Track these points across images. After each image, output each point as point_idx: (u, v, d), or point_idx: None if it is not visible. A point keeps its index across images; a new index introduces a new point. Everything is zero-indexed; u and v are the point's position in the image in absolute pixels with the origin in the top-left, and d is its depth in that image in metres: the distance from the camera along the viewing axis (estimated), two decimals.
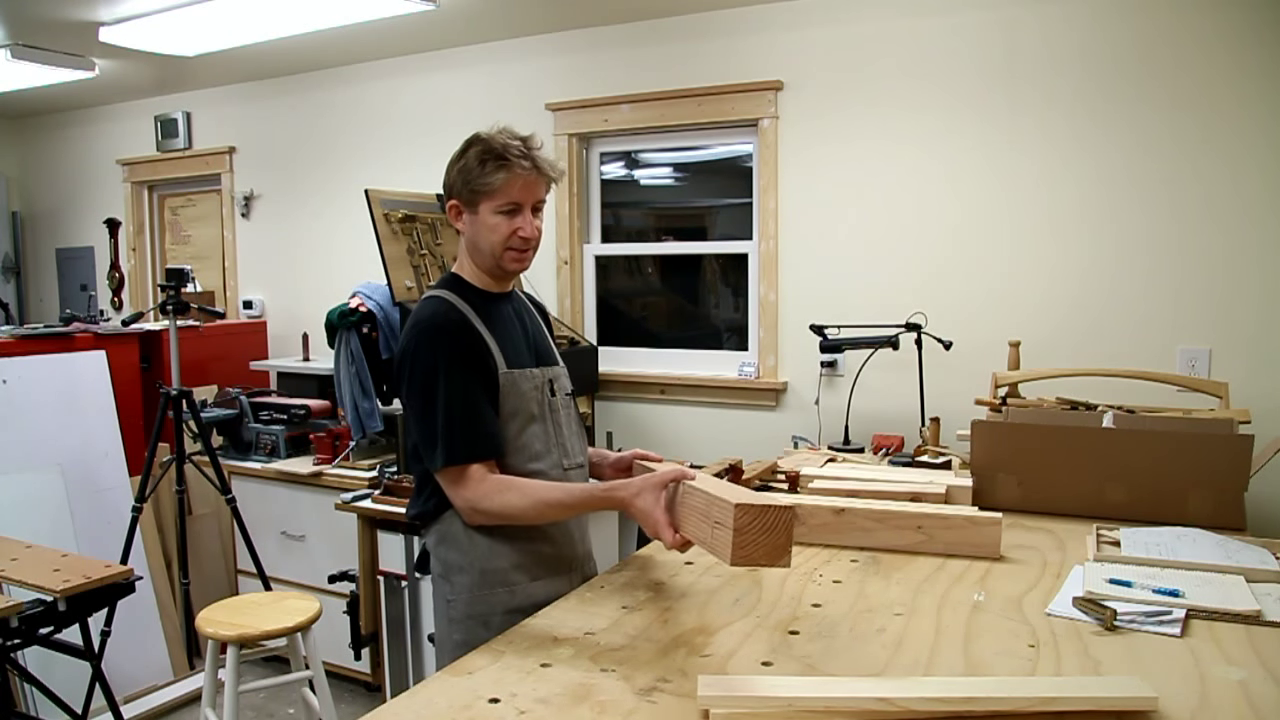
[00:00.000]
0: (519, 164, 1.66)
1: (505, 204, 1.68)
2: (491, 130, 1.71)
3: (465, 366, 1.66)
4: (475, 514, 1.66)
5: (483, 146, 1.68)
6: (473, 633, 1.67)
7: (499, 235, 1.70)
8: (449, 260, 3.29)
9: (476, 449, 1.64)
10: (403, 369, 1.70)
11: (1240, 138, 2.77)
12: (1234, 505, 2.09)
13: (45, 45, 4.02)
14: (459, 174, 1.70)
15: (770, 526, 1.33)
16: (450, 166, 1.73)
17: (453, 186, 1.72)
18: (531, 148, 1.69)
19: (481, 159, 1.66)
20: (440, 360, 1.65)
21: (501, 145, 1.66)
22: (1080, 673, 1.33)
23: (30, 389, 3.46)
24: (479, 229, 1.71)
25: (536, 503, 1.63)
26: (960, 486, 2.19)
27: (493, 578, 1.70)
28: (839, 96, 3.34)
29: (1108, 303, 2.97)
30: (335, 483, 3.47)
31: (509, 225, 1.69)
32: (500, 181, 1.66)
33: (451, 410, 1.63)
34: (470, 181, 1.68)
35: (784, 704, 1.18)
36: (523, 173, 1.67)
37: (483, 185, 1.67)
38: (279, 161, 4.78)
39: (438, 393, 1.64)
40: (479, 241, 1.72)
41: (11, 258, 5.85)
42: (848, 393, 3.23)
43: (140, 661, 3.48)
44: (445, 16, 3.64)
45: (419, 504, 1.78)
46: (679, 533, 1.50)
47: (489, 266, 1.75)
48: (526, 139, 1.70)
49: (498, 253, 1.72)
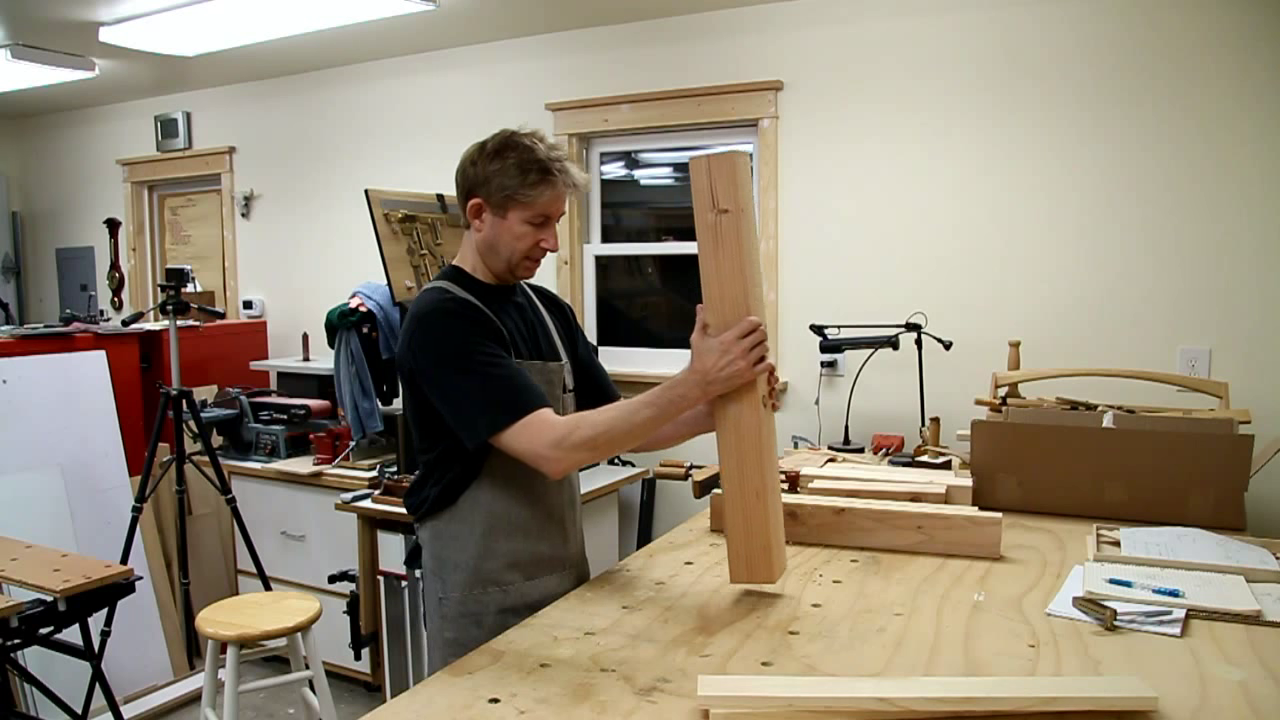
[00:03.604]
0: (561, 179, 1.64)
1: (537, 216, 1.66)
2: (527, 133, 1.66)
3: (483, 335, 1.62)
4: (566, 454, 1.53)
5: (525, 155, 1.63)
6: (465, 631, 1.67)
7: (523, 245, 1.68)
8: (449, 260, 3.28)
9: (536, 396, 1.57)
10: (420, 356, 1.61)
11: (1240, 137, 2.77)
12: (1234, 505, 2.09)
13: (45, 45, 4.02)
14: (495, 176, 1.64)
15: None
16: (478, 161, 1.66)
17: (480, 185, 1.66)
18: (566, 160, 1.66)
19: (523, 168, 1.62)
20: (463, 334, 1.60)
21: (546, 157, 1.63)
22: (1080, 673, 1.33)
23: (30, 389, 3.46)
24: (502, 234, 1.67)
25: (623, 416, 1.53)
26: (960, 486, 2.18)
27: (487, 576, 1.70)
28: (839, 96, 3.34)
29: (1108, 303, 2.97)
30: (335, 483, 3.47)
31: (535, 236, 1.67)
32: (541, 196, 1.63)
33: (494, 371, 1.57)
34: (507, 187, 1.63)
35: (784, 704, 1.18)
36: (564, 188, 1.65)
37: (523, 196, 1.63)
38: (279, 161, 4.78)
39: (466, 361, 1.57)
40: (498, 245, 1.69)
41: (11, 258, 5.85)
42: (848, 393, 3.23)
43: (140, 661, 3.48)
44: (445, 16, 3.64)
45: (420, 494, 1.74)
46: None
47: (500, 269, 1.73)
48: (561, 149, 1.67)
49: (515, 260, 1.70)
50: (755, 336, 1.50)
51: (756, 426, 1.56)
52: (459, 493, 1.69)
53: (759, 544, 1.60)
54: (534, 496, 1.73)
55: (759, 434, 1.57)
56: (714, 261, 1.54)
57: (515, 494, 1.71)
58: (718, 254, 1.53)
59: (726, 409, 1.57)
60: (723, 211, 1.52)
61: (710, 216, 1.53)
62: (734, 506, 1.60)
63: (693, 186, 1.54)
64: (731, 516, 1.61)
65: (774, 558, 1.61)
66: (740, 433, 1.57)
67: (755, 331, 1.50)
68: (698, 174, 1.54)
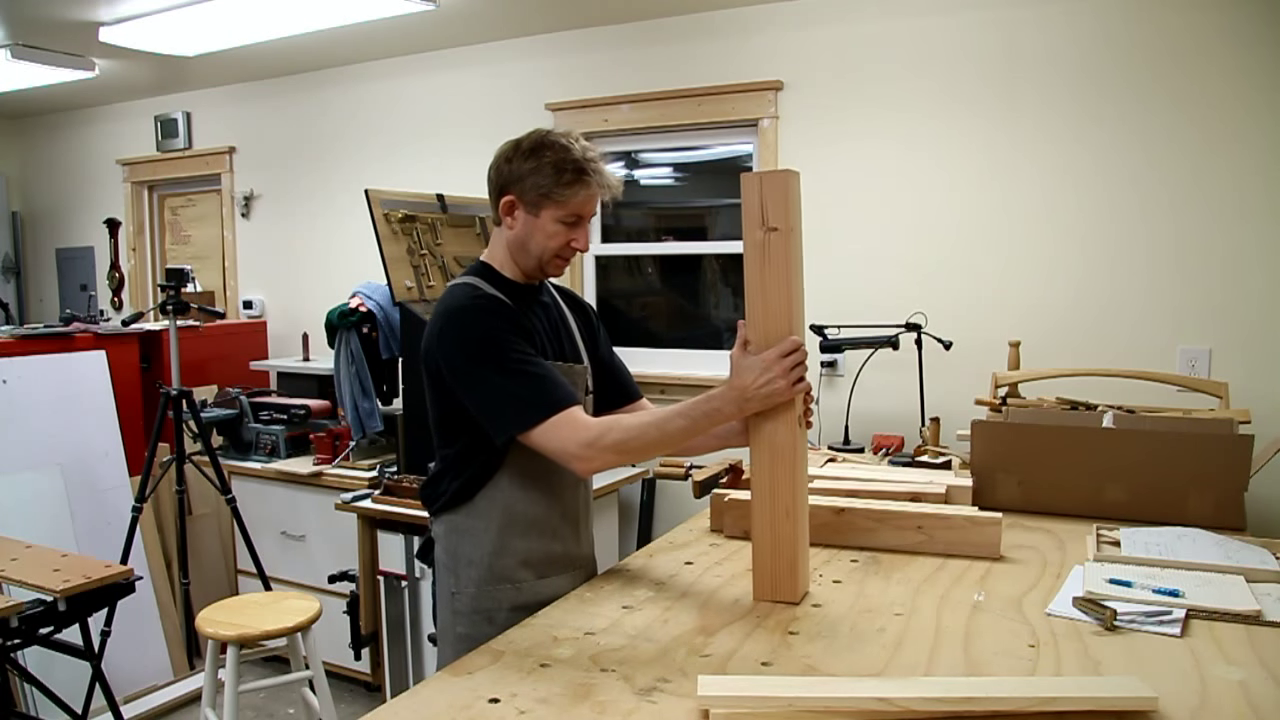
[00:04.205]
0: (597, 180, 1.65)
1: (570, 215, 1.66)
2: (563, 132, 1.67)
3: (514, 332, 1.62)
4: (598, 454, 1.53)
5: (561, 155, 1.63)
6: (477, 627, 1.67)
7: (555, 243, 1.68)
8: (449, 260, 3.29)
9: (560, 397, 1.56)
10: (451, 352, 1.61)
11: (1240, 137, 2.77)
12: (1234, 505, 2.09)
13: (45, 45, 4.02)
14: (530, 175, 1.64)
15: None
16: (514, 159, 1.66)
17: (515, 183, 1.66)
18: (601, 161, 1.67)
19: (559, 167, 1.63)
20: (494, 329, 1.60)
21: (582, 158, 1.63)
22: (1080, 673, 1.33)
23: (30, 389, 3.46)
24: (534, 232, 1.68)
25: (656, 424, 1.54)
26: (960, 486, 2.18)
27: (500, 573, 1.70)
28: (839, 96, 3.34)
29: (1108, 302, 2.97)
30: (335, 483, 3.47)
31: (566, 235, 1.68)
32: (575, 195, 1.64)
33: (527, 368, 1.57)
34: (542, 186, 1.63)
35: (784, 704, 1.18)
36: (598, 189, 1.66)
37: (558, 195, 1.63)
38: (279, 161, 4.78)
39: (496, 357, 1.57)
40: (529, 243, 1.69)
41: (11, 258, 5.85)
42: (848, 393, 3.23)
43: (140, 661, 3.48)
44: (445, 16, 3.64)
45: (437, 488, 1.74)
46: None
47: (530, 267, 1.73)
48: (595, 150, 1.68)
49: (546, 258, 1.70)
50: (796, 356, 1.51)
51: (791, 444, 1.57)
52: (477, 489, 1.69)
53: (785, 562, 1.60)
54: (551, 496, 1.74)
55: (793, 452, 1.57)
56: (760, 278, 1.54)
57: (533, 493, 1.71)
58: (764, 271, 1.53)
59: (762, 425, 1.58)
60: (772, 229, 1.52)
61: (759, 234, 1.53)
62: (762, 523, 1.60)
63: (743, 202, 1.54)
64: (759, 533, 1.61)
65: (799, 576, 1.62)
66: (774, 450, 1.57)
67: (796, 351, 1.51)
68: (749, 190, 1.53)
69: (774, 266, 1.53)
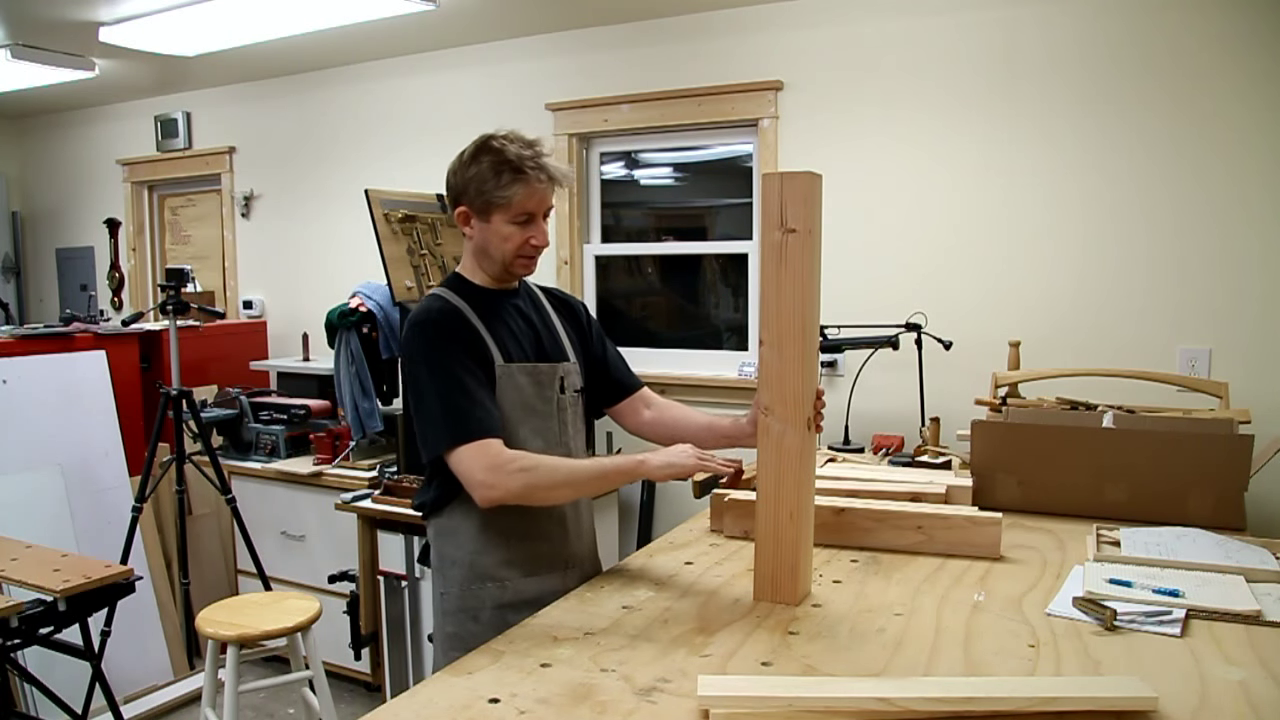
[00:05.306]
0: (535, 176, 1.66)
1: (519, 215, 1.68)
2: (501, 135, 1.69)
3: (460, 353, 1.66)
4: (491, 491, 1.58)
5: (496, 157, 1.66)
6: (463, 625, 1.70)
7: (512, 244, 1.70)
8: (449, 260, 3.29)
9: (481, 426, 1.60)
10: (402, 366, 1.72)
11: (1240, 137, 2.77)
12: (1234, 505, 2.09)
13: (45, 45, 4.01)
14: (472, 182, 1.68)
15: None
16: (459, 170, 1.71)
17: (463, 193, 1.71)
18: (543, 156, 1.68)
19: (496, 170, 1.65)
20: (432, 349, 1.65)
21: (516, 156, 1.65)
22: (1080, 673, 1.33)
23: (30, 389, 3.46)
24: (490, 237, 1.71)
25: (557, 477, 1.62)
26: (960, 486, 2.18)
27: (483, 572, 1.72)
28: (839, 96, 3.34)
29: (1108, 302, 2.97)
30: (335, 483, 3.48)
31: (522, 235, 1.70)
32: (516, 194, 1.66)
33: (451, 392, 1.62)
34: (485, 192, 1.67)
35: (784, 704, 1.18)
36: (539, 185, 1.67)
37: (498, 198, 1.66)
38: (279, 161, 4.77)
39: (434, 378, 1.63)
40: (489, 249, 1.72)
41: (11, 258, 5.85)
42: (848, 393, 3.23)
43: (140, 661, 3.48)
44: (445, 16, 3.64)
45: (423, 494, 1.80)
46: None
47: (497, 271, 1.76)
48: (536, 146, 1.69)
49: (509, 260, 1.73)
50: (707, 463, 1.66)
51: (799, 448, 1.57)
52: (457, 492, 1.70)
53: (787, 565, 1.60)
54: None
55: (800, 455, 1.57)
56: (775, 279, 1.54)
57: None
58: (780, 272, 1.54)
59: (771, 426, 1.58)
60: (790, 231, 1.52)
61: (777, 235, 1.53)
62: (766, 525, 1.61)
63: (762, 203, 1.54)
64: (762, 534, 1.62)
65: (800, 579, 1.62)
66: (782, 452, 1.58)
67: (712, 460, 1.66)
68: (769, 191, 1.53)
69: (791, 268, 1.53)
